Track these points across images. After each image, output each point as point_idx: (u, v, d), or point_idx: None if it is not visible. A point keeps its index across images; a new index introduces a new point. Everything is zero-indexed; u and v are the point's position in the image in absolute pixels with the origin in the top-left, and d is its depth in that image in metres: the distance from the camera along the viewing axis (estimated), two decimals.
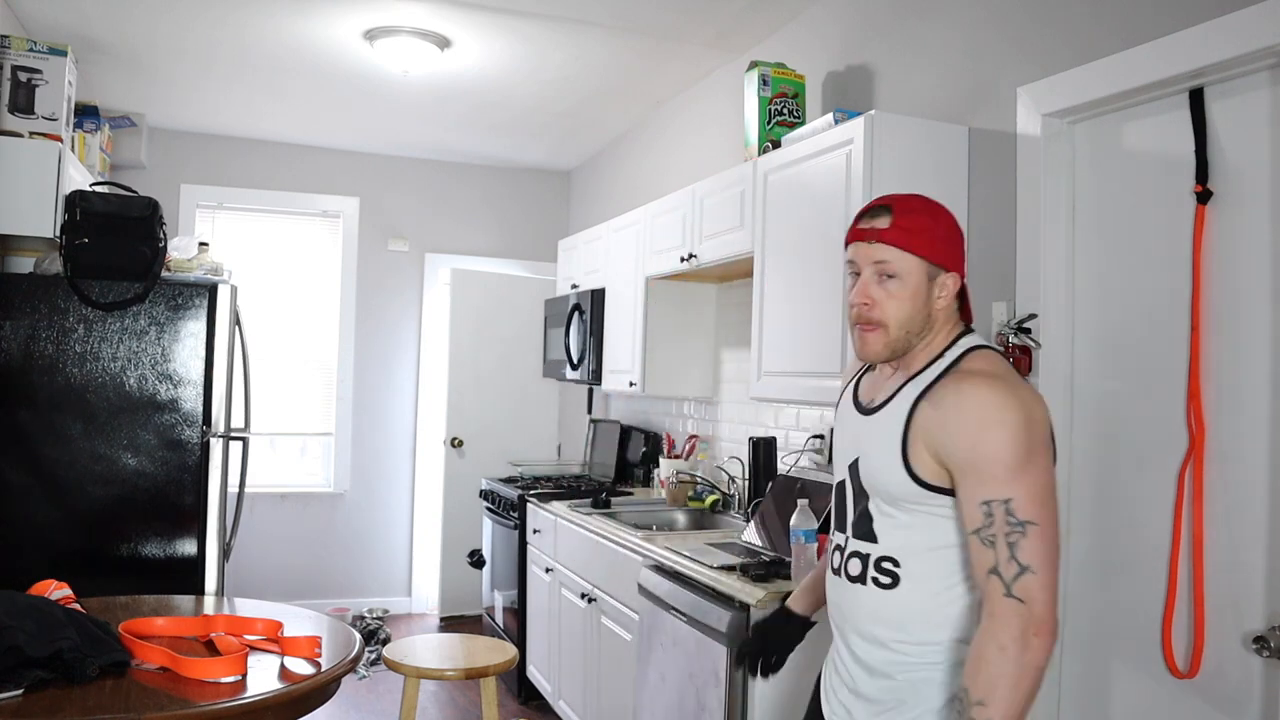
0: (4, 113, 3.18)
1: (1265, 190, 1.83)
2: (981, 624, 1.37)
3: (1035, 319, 2.27)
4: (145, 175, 5.21)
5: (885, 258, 1.51)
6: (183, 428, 3.18)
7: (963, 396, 1.42)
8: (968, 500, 1.40)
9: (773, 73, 3.07)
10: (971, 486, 1.39)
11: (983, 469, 1.38)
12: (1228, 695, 1.85)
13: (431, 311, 5.94)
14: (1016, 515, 1.35)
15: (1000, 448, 1.37)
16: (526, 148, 5.64)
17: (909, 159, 2.51)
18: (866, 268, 1.53)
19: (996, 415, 1.38)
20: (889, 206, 1.53)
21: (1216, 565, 1.88)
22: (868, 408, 1.59)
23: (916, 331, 1.53)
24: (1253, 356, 1.84)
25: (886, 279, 1.51)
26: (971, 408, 1.40)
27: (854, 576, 1.55)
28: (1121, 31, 2.10)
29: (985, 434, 1.38)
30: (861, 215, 1.56)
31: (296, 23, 3.71)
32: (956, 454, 1.41)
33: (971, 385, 1.43)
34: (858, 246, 1.55)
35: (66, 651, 1.83)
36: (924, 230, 1.52)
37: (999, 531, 1.36)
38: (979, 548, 1.38)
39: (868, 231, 1.52)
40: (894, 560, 1.50)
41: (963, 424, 1.40)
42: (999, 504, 1.36)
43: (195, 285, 3.23)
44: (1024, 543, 1.34)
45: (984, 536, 1.37)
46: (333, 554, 5.72)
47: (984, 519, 1.37)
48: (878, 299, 1.52)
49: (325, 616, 2.49)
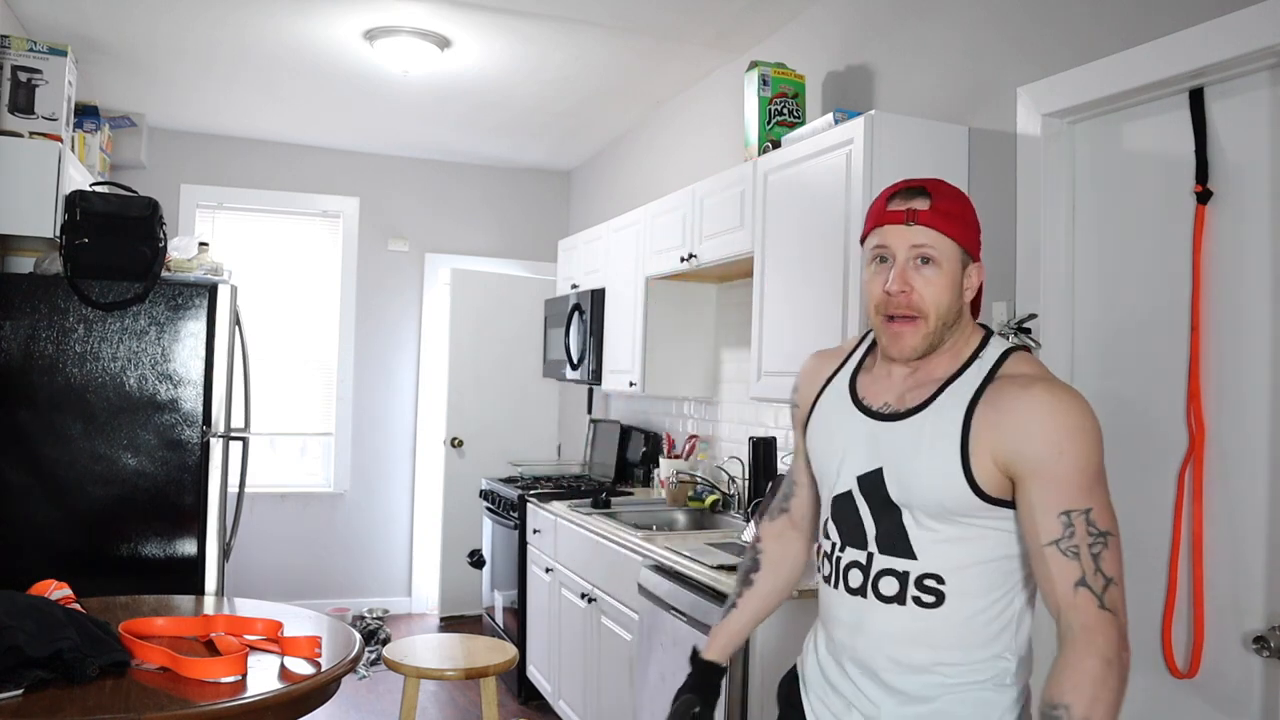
0: (4, 113, 3.18)
1: (1265, 190, 1.83)
2: (1074, 638, 1.28)
3: (1035, 319, 2.27)
4: (145, 175, 5.21)
5: (926, 241, 1.39)
6: (183, 428, 3.18)
7: (1036, 402, 1.33)
8: (1043, 510, 1.31)
9: (773, 73, 3.07)
10: (1049, 496, 1.31)
11: (1064, 478, 1.30)
12: (1228, 695, 1.85)
13: (431, 311, 5.94)
14: (1097, 526, 1.30)
15: (1082, 456, 1.31)
16: (526, 148, 5.64)
17: (909, 159, 2.51)
18: (902, 252, 1.40)
19: (1078, 421, 1.32)
20: (925, 188, 1.42)
21: (1216, 565, 1.88)
22: (886, 413, 1.45)
23: (950, 325, 1.42)
24: (1253, 356, 1.84)
25: (923, 265, 1.40)
26: (1050, 414, 1.32)
27: (888, 597, 1.41)
28: (1121, 31, 2.10)
29: (1068, 441, 1.31)
30: (892, 196, 1.44)
31: (296, 23, 3.71)
32: (1032, 461, 1.31)
33: (1044, 391, 1.34)
34: (893, 230, 1.41)
35: (66, 651, 1.83)
36: (961, 214, 1.42)
37: (1081, 543, 1.29)
38: (1059, 560, 1.30)
39: (905, 213, 1.40)
40: (938, 577, 1.38)
41: (1043, 430, 1.31)
42: (1079, 514, 1.30)
43: (195, 285, 3.23)
44: (1106, 554, 1.30)
45: (1065, 548, 1.30)
46: (333, 554, 5.72)
47: (1063, 530, 1.30)
48: (917, 286, 1.39)
49: (325, 616, 2.49)
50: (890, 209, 1.43)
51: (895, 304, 1.40)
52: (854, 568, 1.46)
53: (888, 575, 1.41)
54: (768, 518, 1.73)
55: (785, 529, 1.70)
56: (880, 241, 1.43)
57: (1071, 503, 1.30)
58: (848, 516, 1.47)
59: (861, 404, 1.50)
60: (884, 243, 1.42)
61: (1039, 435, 1.31)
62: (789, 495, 1.71)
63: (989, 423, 1.35)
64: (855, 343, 1.62)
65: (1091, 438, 1.32)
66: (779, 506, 1.73)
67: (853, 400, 1.51)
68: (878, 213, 1.45)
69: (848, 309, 2.53)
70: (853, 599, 1.45)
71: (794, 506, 1.70)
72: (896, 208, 1.42)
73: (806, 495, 1.67)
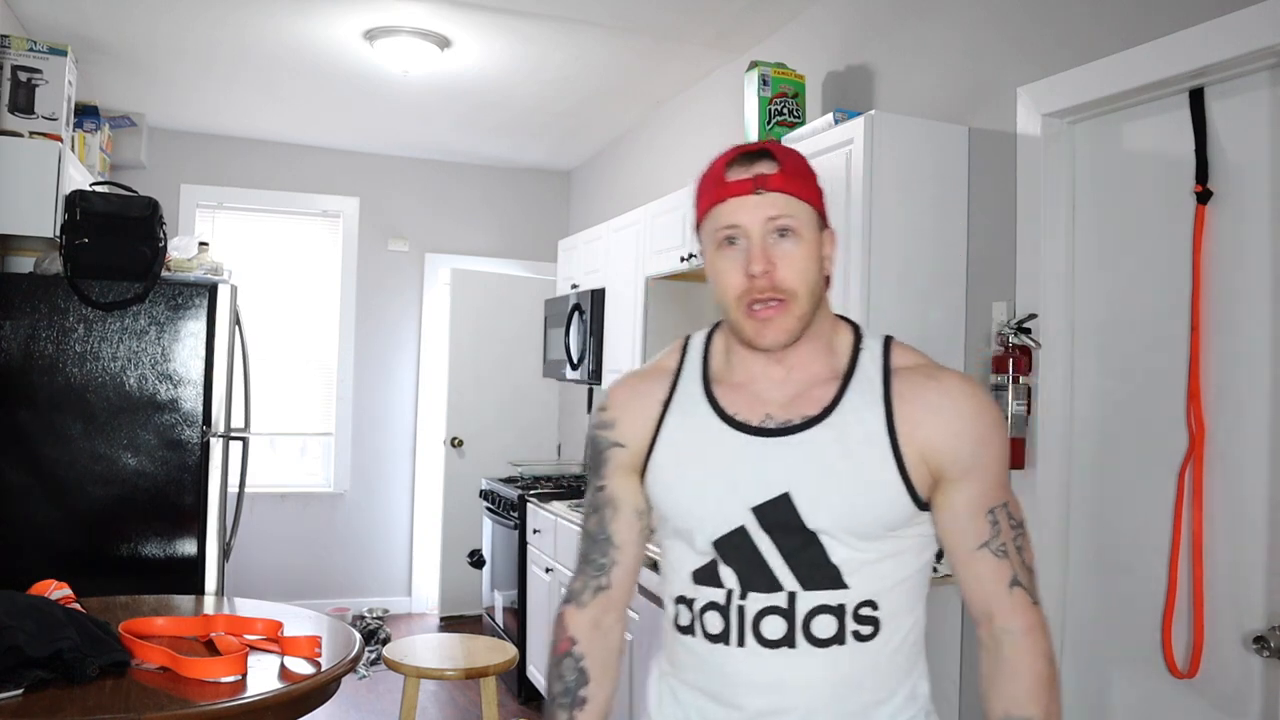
0: (4, 112, 3.18)
1: (1265, 190, 1.83)
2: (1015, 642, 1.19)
3: (1035, 319, 2.27)
4: (145, 175, 5.20)
5: (782, 210, 1.19)
6: (183, 428, 3.18)
7: (958, 396, 1.21)
8: (972, 512, 1.20)
9: (773, 73, 3.07)
10: (976, 495, 1.20)
11: (988, 474, 1.20)
12: (1228, 695, 1.85)
13: (431, 311, 5.94)
14: (1015, 518, 1.22)
15: (1001, 448, 1.22)
16: (526, 148, 5.64)
17: (909, 159, 2.51)
18: (756, 227, 1.19)
19: (995, 414, 1.22)
20: (767, 150, 1.22)
21: (1216, 565, 1.88)
22: (774, 426, 1.22)
23: (819, 303, 1.24)
24: (1253, 356, 1.84)
25: (781, 239, 1.19)
26: (973, 409, 1.20)
27: (825, 639, 1.18)
28: (1121, 31, 2.10)
29: (991, 433, 1.21)
30: (730, 164, 1.22)
31: (296, 23, 3.71)
32: (965, 461, 1.19)
33: (959, 383, 1.22)
34: (740, 203, 1.19)
35: (66, 651, 1.83)
36: (808, 174, 1.24)
37: (1008, 540, 1.20)
38: (991, 562, 1.20)
39: (752, 181, 1.19)
40: (873, 603, 1.20)
41: (971, 427, 1.20)
42: (1001, 510, 1.21)
43: (195, 285, 3.23)
44: (1025, 545, 1.22)
45: (996, 549, 1.20)
46: (333, 554, 5.72)
47: (991, 529, 1.20)
48: (779, 264, 1.19)
49: (325, 616, 2.49)
50: (732, 179, 1.21)
51: (760, 287, 1.18)
52: (770, 615, 1.20)
53: (822, 614, 1.19)
54: (575, 604, 1.35)
55: (603, 614, 1.34)
56: (727, 221, 1.20)
57: (994, 499, 1.21)
58: (744, 557, 1.21)
59: (735, 421, 1.24)
60: (733, 221, 1.20)
61: (968, 433, 1.20)
62: (607, 567, 1.34)
63: (914, 421, 1.20)
64: (675, 355, 1.36)
65: (1004, 427, 1.24)
66: (593, 584, 1.35)
67: (722, 419, 1.25)
68: (715, 185, 1.22)
69: (847, 309, 2.52)
70: (773, 653, 1.19)
71: (615, 580, 1.34)
72: (740, 176, 1.20)
73: (631, 561, 1.35)
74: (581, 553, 1.38)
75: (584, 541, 1.38)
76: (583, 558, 1.37)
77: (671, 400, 1.30)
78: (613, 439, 1.33)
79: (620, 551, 1.34)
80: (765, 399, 1.25)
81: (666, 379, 1.33)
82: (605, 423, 1.34)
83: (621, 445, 1.32)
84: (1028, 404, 2.28)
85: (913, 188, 2.51)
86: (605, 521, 1.34)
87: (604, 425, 1.35)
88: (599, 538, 1.35)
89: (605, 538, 1.34)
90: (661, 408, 1.30)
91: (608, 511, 1.34)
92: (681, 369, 1.33)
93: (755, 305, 1.19)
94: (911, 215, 2.50)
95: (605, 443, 1.34)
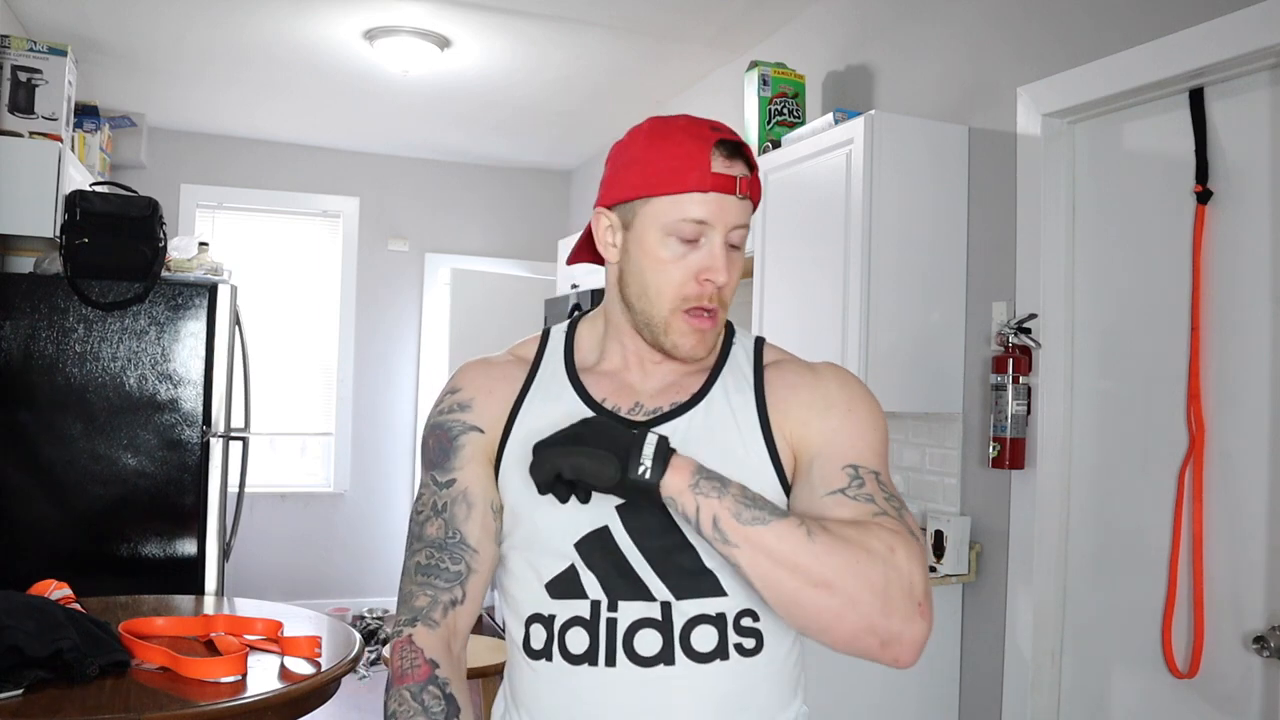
0: (4, 113, 3.18)
1: (1265, 190, 1.83)
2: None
3: (1035, 319, 2.27)
4: (145, 175, 5.20)
5: (746, 220, 1.11)
6: (183, 428, 3.18)
7: (823, 377, 1.14)
8: (827, 467, 1.06)
9: (773, 73, 3.07)
10: (834, 454, 1.07)
11: (855, 437, 1.08)
12: (1228, 695, 1.85)
13: (431, 311, 5.94)
14: (890, 490, 1.06)
15: (874, 425, 1.10)
16: (526, 148, 5.64)
17: (909, 159, 2.51)
18: (721, 230, 1.08)
19: (865, 399, 1.12)
20: (741, 146, 1.10)
21: (1216, 565, 1.88)
22: (643, 416, 1.12)
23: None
24: (1253, 356, 1.84)
25: (732, 250, 1.10)
26: (836, 386, 1.12)
27: (707, 653, 1.06)
28: (1121, 31, 2.10)
29: (860, 406, 1.11)
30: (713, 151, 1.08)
31: (296, 23, 3.71)
32: (825, 431, 1.08)
33: (833, 370, 1.15)
34: (722, 201, 1.07)
35: (66, 651, 1.83)
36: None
37: (875, 492, 1.04)
38: (846, 504, 1.02)
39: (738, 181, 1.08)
40: (753, 613, 1.08)
41: (837, 399, 1.10)
42: (869, 472, 1.05)
43: (195, 285, 3.23)
44: (906, 515, 1.03)
45: (854, 494, 1.03)
46: (333, 554, 5.72)
47: (850, 479, 1.04)
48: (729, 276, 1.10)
49: (325, 616, 2.49)
50: (719, 170, 1.07)
51: (710, 295, 1.09)
52: (645, 628, 1.06)
53: (701, 624, 1.06)
54: (424, 624, 1.10)
55: (452, 636, 1.11)
56: (701, 215, 1.07)
57: (861, 459, 1.06)
58: (609, 561, 1.07)
59: (603, 407, 1.13)
60: (706, 218, 1.07)
61: (834, 405, 1.10)
62: (461, 576, 1.11)
63: (784, 406, 1.11)
64: (532, 344, 1.23)
65: (878, 413, 1.12)
66: (445, 599, 1.11)
67: (589, 405, 1.14)
68: (695, 169, 1.07)
69: (847, 309, 2.52)
70: (648, 672, 1.05)
71: (470, 592, 1.11)
72: (727, 170, 1.08)
73: (486, 570, 1.13)
74: (421, 564, 1.12)
75: (423, 550, 1.12)
76: (426, 569, 1.12)
77: (531, 385, 1.17)
78: (470, 422, 1.15)
79: (476, 557, 1.12)
80: (636, 388, 1.15)
81: (524, 365, 1.20)
82: (459, 405, 1.17)
83: (480, 430, 1.15)
84: (1028, 404, 2.28)
85: (913, 188, 2.51)
86: (455, 521, 1.12)
87: (457, 408, 1.16)
88: (448, 542, 1.12)
89: (457, 540, 1.11)
90: (520, 392, 1.16)
91: (458, 509, 1.12)
92: (541, 357, 1.20)
93: (696, 313, 1.10)
94: (911, 215, 2.50)
95: (459, 427, 1.15)
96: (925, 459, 2.66)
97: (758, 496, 1.00)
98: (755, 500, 0.99)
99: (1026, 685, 2.26)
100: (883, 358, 2.46)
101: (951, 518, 2.42)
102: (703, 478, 0.99)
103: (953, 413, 2.55)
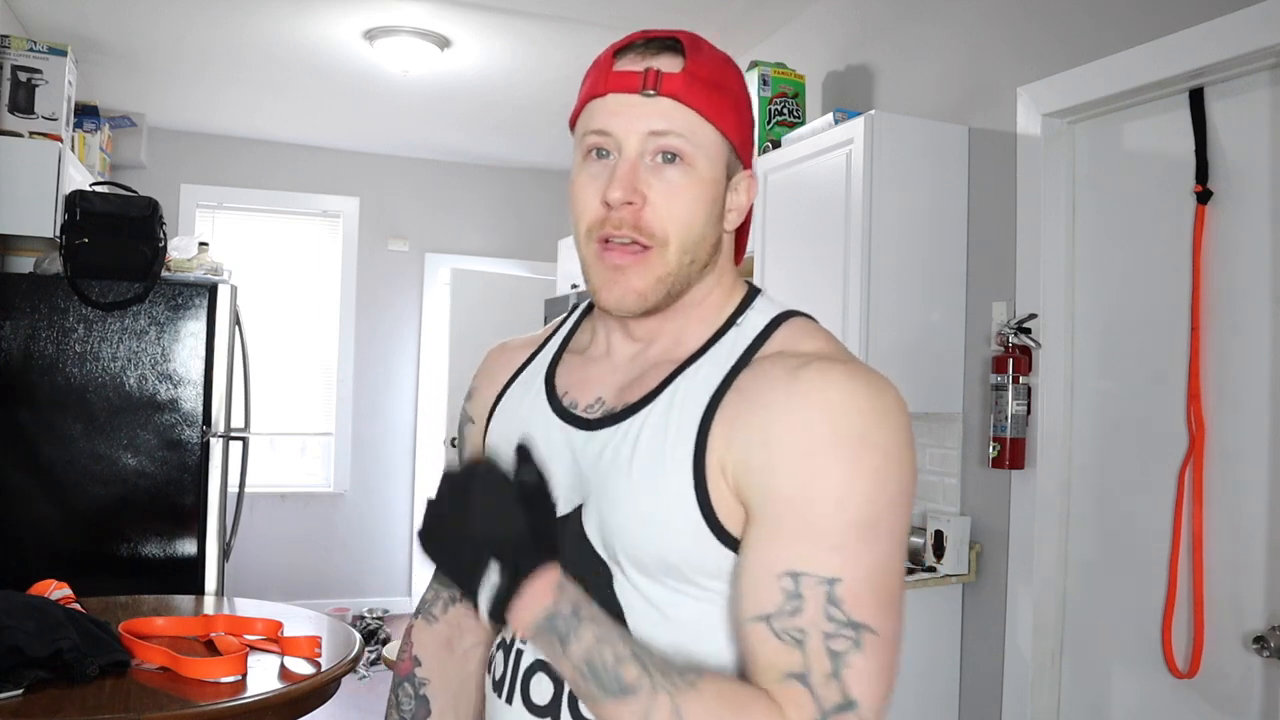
0: (4, 112, 3.18)
1: (1265, 190, 1.83)
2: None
3: (1035, 319, 2.27)
4: (145, 175, 5.20)
5: (673, 125, 0.87)
6: (183, 428, 3.18)
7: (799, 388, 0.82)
8: (758, 565, 0.80)
9: (773, 73, 3.07)
10: (773, 541, 0.80)
11: (804, 515, 0.79)
12: (1228, 695, 1.85)
13: (431, 311, 5.94)
14: (845, 609, 0.77)
15: (844, 486, 0.78)
16: (526, 148, 5.64)
17: (909, 159, 2.51)
18: (633, 140, 0.87)
19: (854, 429, 0.80)
20: (677, 40, 0.89)
21: (1216, 565, 1.88)
22: (595, 416, 0.92)
23: (701, 264, 0.91)
24: (1253, 356, 1.84)
25: (666, 165, 0.87)
26: (814, 411, 0.80)
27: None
28: (1121, 31, 2.10)
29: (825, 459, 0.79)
30: (620, 51, 0.90)
31: (296, 23, 3.71)
32: (767, 484, 0.80)
33: (818, 375, 0.82)
34: (621, 101, 0.88)
35: (66, 651, 1.83)
36: (730, 87, 0.90)
37: (811, 626, 0.77)
38: (769, 643, 0.78)
39: (643, 76, 0.87)
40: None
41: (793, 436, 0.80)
42: (818, 583, 0.77)
43: (195, 285, 3.23)
44: (856, 659, 0.76)
45: (781, 629, 0.77)
46: (333, 554, 5.72)
47: (784, 598, 0.78)
48: (653, 197, 0.87)
49: (325, 616, 2.49)
50: (620, 68, 0.89)
51: (617, 221, 0.87)
52: (540, 672, 0.90)
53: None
54: (424, 619, 1.06)
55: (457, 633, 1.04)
56: (599, 124, 0.89)
57: (807, 560, 0.78)
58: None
59: (560, 403, 0.96)
60: (604, 126, 0.88)
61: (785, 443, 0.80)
62: None
63: (731, 424, 0.84)
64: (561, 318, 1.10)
65: (871, 463, 0.79)
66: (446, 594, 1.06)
67: (548, 398, 0.97)
68: (596, 73, 0.91)
69: (847, 309, 2.52)
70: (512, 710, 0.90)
71: None
72: (629, 67, 0.88)
73: None
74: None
75: None
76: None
77: (522, 371, 1.04)
78: (468, 412, 1.08)
79: None
80: (606, 380, 0.95)
81: (532, 347, 1.06)
82: (470, 392, 1.09)
83: (473, 421, 1.06)
84: (1028, 404, 2.28)
85: (913, 188, 2.51)
86: None
87: (468, 396, 1.09)
88: None
89: None
90: (510, 379, 1.04)
91: None
92: (552, 337, 1.06)
93: (607, 244, 0.89)
94: (911, 215, 2.50)
95: (463, 417, 1.09)
96: (925, 459, 2.66)
97: (619, 649, 0.79)
98: (616, 657, 0.79)
99: (1026, 685, 2.26)
100: (883, 358, 2.46)
101: (951, 518, 2.43)
102: (559, 613, 0.80)
103: (953, 413, 2.55)
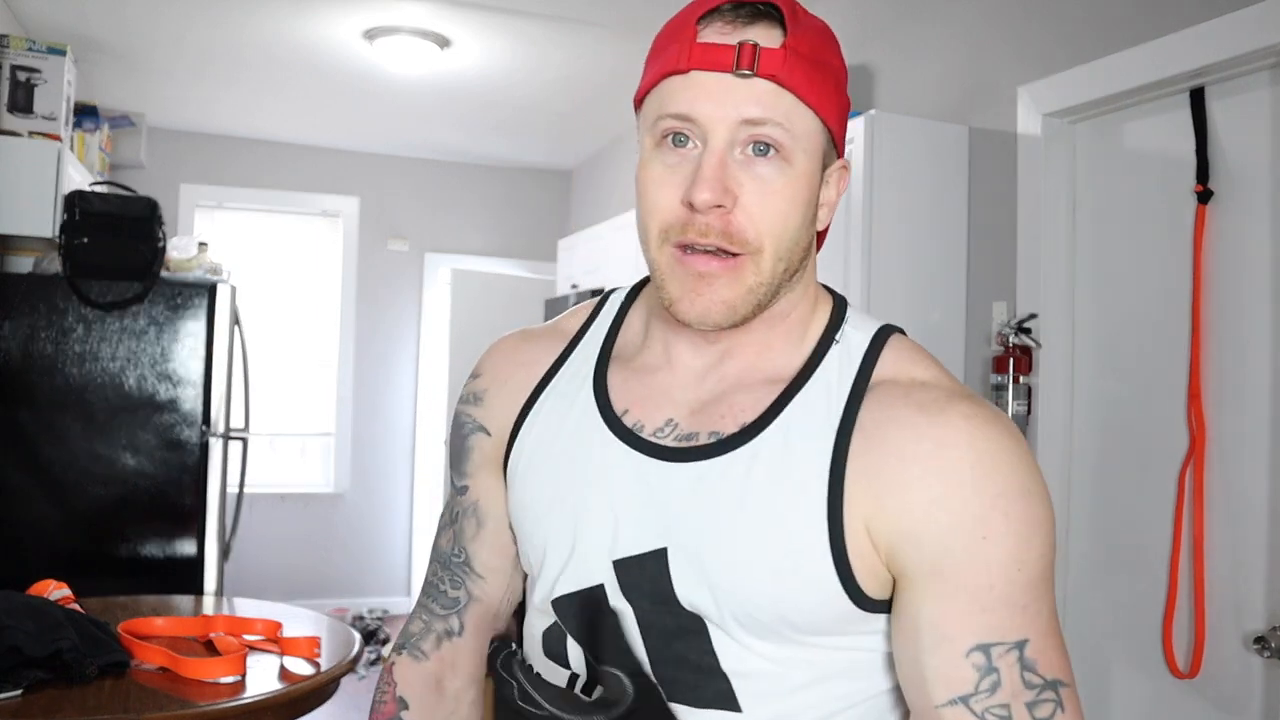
0: (3, 112, 3.18)
1: (1265, 190, 1.83)
2: None
3: (1035, 319, 2.27)
4: (145, 175, 5.20)
5: (773, 113, 0.73)
6: (182, 428, 3.18)
7: (948, 436, 0.73)
8: (939, 641, 0.72)
9: None
10: (953, 615, 0.72)
11: (983, 584, 0.72)
12: (1228, 695, 1.85)
13: (431, 311, 5.94)
14: (1039, 670, 0.72)
15: (1021, 547, 0.73)
16: (526, 148, 5.64)
17: (909, 159, 2.51)
18: (722, 129, 0.73)
19: (1014, 484, 0.73)
20: (776, 8, 0.74)
21: (1217, 565, 1.88)
22: (672, 443, 0.79)
23: (793, 272, 0.80)
24: (1253, 356, 1.84)
25: (760, 155, 0.74)
26: (972, 471, 0.73)
27: None
28: (1121, 31, 2.10)
29: (997, 523, 0.72)
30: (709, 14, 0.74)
31: (296, 22, 3.70)
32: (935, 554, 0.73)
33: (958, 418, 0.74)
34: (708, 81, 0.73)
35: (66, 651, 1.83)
36: (831, 63, 0.78)
37: (1014, 700, 0.71)
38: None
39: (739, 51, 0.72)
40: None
41: (960, 502, 0.72)
42: (1008, 651, 0.72)
43: (195, 285, 3.23)
44: (1061, 718, 0.71)
45: (983, 710, 0.71)
46: (333, 554, 5.71)
47: (979, 676, 0.71)
48: (746, 198, 0.73)
49: (325, 616, 2.49)
50: (706, 39, 0.73)
51: (703, 227, 0.73)
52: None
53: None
54: (409, 654, 0.93)
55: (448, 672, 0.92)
56: (678, 107, 0.74)
57: (994, 629, 0.72)
58: (596, 633, 0.80)
59: (621, 423, 0.82)
60: (686, 110, 0.73)
61: (947, 506, 0.72)
62: (459, 604, 0.92)
63: (871, 474, 0.74)
64: (583, 313, 0.94)
65: (1039, 506, 0.75)
66: (438, 628, 0.93)
67: (604, 417, 0.83)
68: (675, 43, 0.75)
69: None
70: None
71: (471, 622, 0.93)
72: (719, 39, 0.73)
73: (497, 596, 0.94)
74: (428, 580, 0.95)
75: (432, 564, 0.95)
76: (428, 588, 0.94)
77: (554, 376, 0.88)
78: (479, 420, 0.92)
79: (481, 584, 0.92)
80: (674, 397, 0.82)
81: (559, 345, 0.90)
82: (474, 395, 0.93)
83: (487, 432, 0.91)
84: (1028, 404, 2.28)
85: (913, 188, 2.51)
86: (463, 538, 0.92)
87: (472, 399, 0.93)
88: (452, 560, 0.93)
89: (462, 561, 0.92)
90: (538, 384, 0.89)
91: (467, 524, 0.92)
92: (584, 334, 0.91)
93: (688, 251, 0.74)
94: (911, 215, 2.50)
95: (470, 425, 0.93)
96: None
97: None
98: None
99: None
100: None
101: None
102: None
103: None
